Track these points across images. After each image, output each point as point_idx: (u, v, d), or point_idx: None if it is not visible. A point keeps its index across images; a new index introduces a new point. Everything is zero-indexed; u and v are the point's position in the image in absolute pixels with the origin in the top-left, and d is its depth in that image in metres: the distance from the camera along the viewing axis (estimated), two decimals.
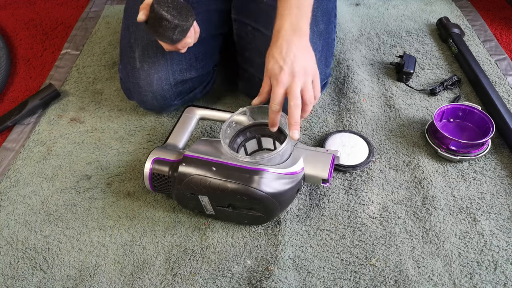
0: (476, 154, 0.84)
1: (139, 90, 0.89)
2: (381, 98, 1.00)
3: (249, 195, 0.67)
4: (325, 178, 0.72)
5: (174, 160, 0.74)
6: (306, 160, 0.73)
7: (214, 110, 0.86)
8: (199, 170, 0.69)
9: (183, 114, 0.85)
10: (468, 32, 1.17)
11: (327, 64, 0.93)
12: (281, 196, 0.69)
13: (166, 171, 0.73)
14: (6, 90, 1.09)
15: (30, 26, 1.31)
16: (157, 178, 0.75)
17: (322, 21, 0.89)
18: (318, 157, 0.73)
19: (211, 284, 0.69)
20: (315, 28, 0.88)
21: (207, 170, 0.69)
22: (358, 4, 1.31)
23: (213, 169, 0.69)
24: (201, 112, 0.86)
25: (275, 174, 0.68)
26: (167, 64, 0.87)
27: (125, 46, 0.90)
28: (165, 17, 0.73)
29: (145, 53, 0.87)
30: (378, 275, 0.69)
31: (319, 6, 0.89)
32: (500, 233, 0.73)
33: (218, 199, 0.71)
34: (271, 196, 0.67)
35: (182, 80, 0.90)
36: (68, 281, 0.71)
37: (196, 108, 0.86)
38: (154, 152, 0.76)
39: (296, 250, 0.73)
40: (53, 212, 0.81)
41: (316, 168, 0.73)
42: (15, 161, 0.90)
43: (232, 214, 0.73)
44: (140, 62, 0.87)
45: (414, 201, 0.79)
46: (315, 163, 0.73)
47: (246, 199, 0.68)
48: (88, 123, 0.98)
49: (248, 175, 0.67)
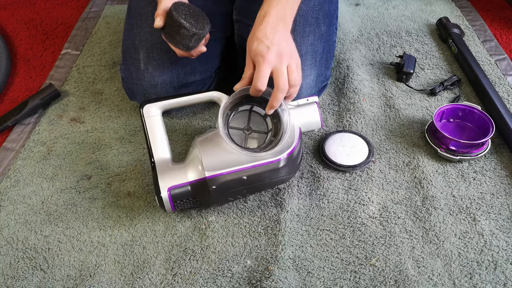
0: (476, 154, 0.84)
1: (143, 91, 0.89)
2: (381, 98, 1.00)
3: (282, 180, 0.76)
4: (320, 128, 0.82)
5: (193, 181, 0.71)
6: (297, 117, 0.78)
7: (171, 97, 0.80)
8: (232, 184, 0.70)
9: (145, 118, 0.77)
10: (468, 32, 1.17)
11: (327, 66, 0.93)
12: (299, 165, 0.79)
13: (190, 196, 0.72)
14: (6, 90, 1.09)
15: (30, 26, 1.31)
16: (181, 204, 0.73)
17: (323, 23, 0.90)
18: (306, 112, 0.79)
19: (211, 284, 0.69)
20: (317, 30, 0.88)
21: (238, 181, 0.70)
22: (358, 4, 1.32)
23: (244, 178, 0.70)
24: (161, 106, 0.79)
25: (291, 153, 0.73)
26: (171, 67, 0.87)
27: (129, 47, 0.90)
28: (184, 25, 0.74)
29: (150, 55, 0.87)
30: (378, 275, 0.69)
31: (321, 8, 0.89)
32: (500, 233, 0.74)
33: (249, 193, 0.78)
34: (295, 172, 0.78)
35: (186, 83, 0.90)
36: (68, 281, 0.71)
37: (153, 104, 0.78)
38: (161, 179, 0.71)
39: (296, 250, 0.73)
40: (53, 212, 0.81)
41: (311, 123, 0.80)
42: (15, 161, 0.90)
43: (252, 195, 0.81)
44: (145, 64, 0.87)
45: (414, 201, 0.79)
46: (306, 119, 0.79)
47: (279, 183, 0.77)
48: (88, 123, 0.98)
49: (275, 167, 0.71)
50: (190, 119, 0.97)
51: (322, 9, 0.89)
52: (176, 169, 0.73)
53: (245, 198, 0.81)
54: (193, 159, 0.72)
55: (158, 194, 0.71)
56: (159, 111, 0.79)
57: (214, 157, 0.71)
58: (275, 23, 0.70)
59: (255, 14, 0.74)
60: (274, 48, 0.68)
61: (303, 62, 0.84)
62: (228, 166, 0.70)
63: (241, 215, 0.78)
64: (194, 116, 0.98)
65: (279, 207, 0.79)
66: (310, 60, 0.87)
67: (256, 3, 0.89)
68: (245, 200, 0.80)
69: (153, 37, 0.86)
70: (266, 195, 0.81)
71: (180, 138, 0.93)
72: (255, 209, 0.79)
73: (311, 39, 0.87)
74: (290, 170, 0.75)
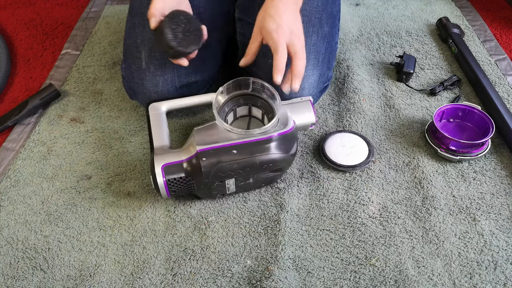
0: (476, 154, 0.84)
1: (144, 91, 0.89)
2: (381, 98, 1.00)
3: (274, 160, 0.74)
4: (314, 122, 0.83)
5: (185, 159, 0.73)
6: (292, 113, 0.81)
7: (176, 99, 0.87)
8: (222, 158, 0.71)
9: (150, 113, 0.84)
10: (468, 32, 1.17)
11: (329, 67, 0.93)
12: (293, 149, 0.77)
13: (182, 173, 0.73)
14: (6, 90, 1.09)
15: (30, 26, 1.31)
16: (175, 183, 0.74)
17: (327, 24, 0.90)
18: (300, 107, 0.83)
19: (211, 284, 0.69)
20: (320, 31, 0.88)
21: (229, 155, 0.72)
22: (358, 4, 1.32)
23: (234, 151, 0.72)
24: (166, 105, 0.86)
25: (284, 134, 0.75)
26: (173, 66, 0.87)
27: (130, 46, 0.90)
28: (170, 44, 0.76)
29: (152, 55, 0.87)
30: (378, 275, 0.69)
31: (325, 9, 0.89)
32: (500, 233, 0.74)
33: (244, 176, 0.75)
34: (287, 153, 0.75)
35: (187, 83, 0.90)
36: (68, 281, 0.71)
37: (159, 103, 0.86)
38: (157, 159, 0.73)
39: (296, 250, 0.73)
40: (53, 212, 0.81)
41: (304, 116, 0.82)
42: (15, 161, 0.90)
43: (252, 184, 0.78)
44: (147, 63, 0.87)
45: (414, 201, 0.79)
46: (301, 113, 0.82)
47: (271, 165, 0.74)
48: (88, 123, 0.98)
49: (266, 144, 0.73)
50: (190, 119, 0.97)
51: (325, 9, 0.89)
52: (172, 152, 0.76)
53: (242, 191, 0.81)
54: (189, 144, 0.76)
55: (153, 172, 0.72)
56: (164, 109, 0.85)
57: (206, 136, 0.75)
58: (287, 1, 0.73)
59: (258, 12, 0.75)
60: (286, 26, 0.71)
61: (306, 63, 0.84)
62: (219, 141, 0.73)
63: (241, 215, 0.78)
64: (194, 116, 0.98)
65: (279, 207, 0.79)
66: (313, 60, 0.87)
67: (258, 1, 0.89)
68: (245, 200, 0.80)
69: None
70: (266, 195, 0.81)
71: (180, 138, 0.93)
72: (255, 209, 0.79)
73: (314, 39, 0.87)
74: (282, 150, 0.74)
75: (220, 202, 0.80)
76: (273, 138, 0.73)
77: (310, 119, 0.83)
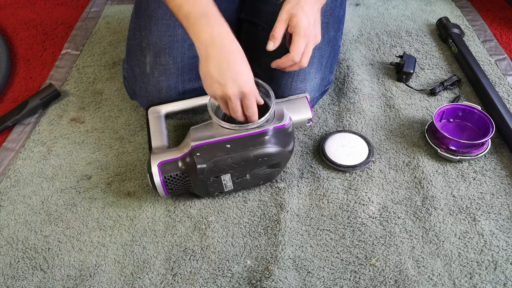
0: (476, 154, 0.84)
1: (146, 94, 0.89)
2: (381, 98, 1.00)
3: (269, 154, 0.73)
4: (311, 118, 0.83)
5: (181, 156, 0.74)
6: (288, 110, 0.81)
7: (175, 102, 0.88)
8: (216, 152, 0.72)
9: (149, 116, 0.86)
10: (468, 32, 1.17)
11: (331, 71, 0.93)
12: (290, 145, 0.77)
13: (178, 170, 0.73)
14: (6, 90, 1.09)
15: (30, 26, 1.31)
16: (171, 181, 0.74)
17: (332, 28, 0.90)
18: (297, 104, 0.84)
19: (211, 284, 0.69)
20: (326, 35, 0.88)
21: (223, 149, 0.72)
22: (358, 4, 1.32)
23: (228, 146, 0.72)
24: (165, 108, 0.87)
25: (279, 128, 0.75)
26: (177, 73, 0.87)
27: (134, 48, 0.89)
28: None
29: (157, 60, 0.86)
30: (378, 275, 0.69)
31: (332, 13, 0.89)
32: (500, 233, 0.74)
33: (239, 172, 0.75)
34: (284, 147, 0.75)
35: (191, 89, 0.89)
36: (68, 281, 0.71)
37: (158, 106, 0.88)
38: (153, 158, 0.74)
39: (296, 250, 0.73)
40: (53, 212, 0.81)
41: (301, 112, 0.83)
42: (15, 161, 0.90)
43: (249, 181, 0.78)
44: (151, 68, 0.86)
45: (414, 201, 0.79)
46: (297, 109, 0.83)
47: (266, 159, 0.74)
48: (88, 123, 0.98)
49: (261, 138, 0.73)
50: (190, 120, 0.97)
51: (332, 14, 0.89)
52: (169, 151, 0.77)
53: (241, 189, 0.81)
54: (185, 143, 0.76)
55: (149, 169, 0.73)
56: (163, 112, 0.87)
57: (202, 133, 0.76)
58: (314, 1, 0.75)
59: (265, 13, 0.75)
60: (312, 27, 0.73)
61: (310, 66, 0.84)
62: (213, 137, 0.74)
63: (241, 215, 0.78)
64: (194, 117, 0.98)
65: (279, 207, 0.79)
66: (316, 64, 0.87)
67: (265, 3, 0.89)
68: (245, 200, 0.80)
69: (161, 42, 0.85)
70: (266, 195, 0.81)
71: (180, 138, 0.93)
72: (255, 209, 0.79)
73: (320, 43, 0.87)
74: (277, 144, 0.74)
75: (220, 202, 0.80)
76: (268, 131, 0.74)
77: (306, 115, 0.83)
